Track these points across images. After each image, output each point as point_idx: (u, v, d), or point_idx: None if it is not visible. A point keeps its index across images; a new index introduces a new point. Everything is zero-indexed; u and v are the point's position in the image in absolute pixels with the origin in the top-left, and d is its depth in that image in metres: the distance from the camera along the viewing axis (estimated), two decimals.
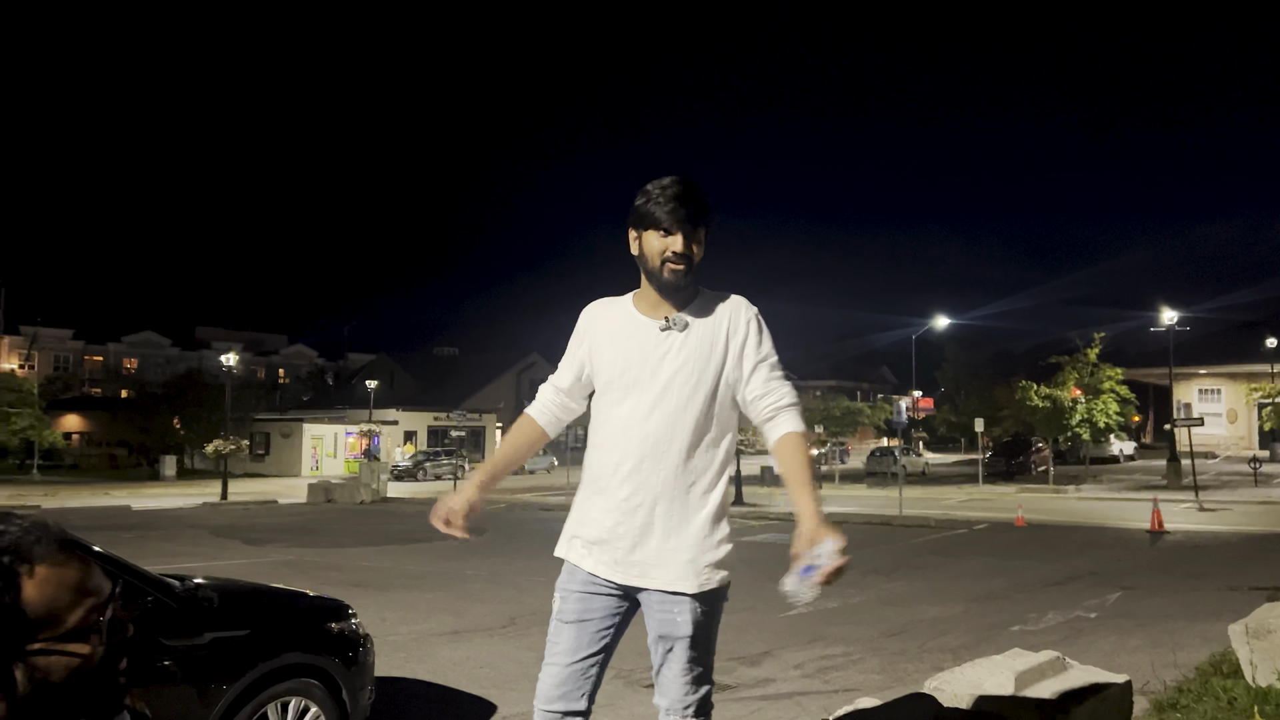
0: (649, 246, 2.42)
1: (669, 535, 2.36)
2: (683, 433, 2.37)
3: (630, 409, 2.41)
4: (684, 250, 2.39)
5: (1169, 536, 16.45)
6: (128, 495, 31.33)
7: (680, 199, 2.39)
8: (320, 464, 48.90)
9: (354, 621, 4.62)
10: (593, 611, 2.44)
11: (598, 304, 2.61)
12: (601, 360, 2.50)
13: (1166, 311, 33.03)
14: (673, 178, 2.45)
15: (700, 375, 2.39)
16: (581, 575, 2.46)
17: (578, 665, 2.42)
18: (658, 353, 2.41)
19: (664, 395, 2.38)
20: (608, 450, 2.45)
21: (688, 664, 2.38)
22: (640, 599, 2.43)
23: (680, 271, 2.40)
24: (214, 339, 77.53)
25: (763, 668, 6.81)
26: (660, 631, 2.39)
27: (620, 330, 2.49)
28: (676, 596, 2.35)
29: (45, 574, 1.22)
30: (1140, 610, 9.03)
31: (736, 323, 2.43)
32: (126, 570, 3.85)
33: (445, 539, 12.85)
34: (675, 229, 2.38)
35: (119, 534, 17.32)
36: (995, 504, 25.18)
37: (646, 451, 2.37)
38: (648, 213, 2.42)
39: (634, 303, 2.52)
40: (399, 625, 8.34)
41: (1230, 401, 46.11)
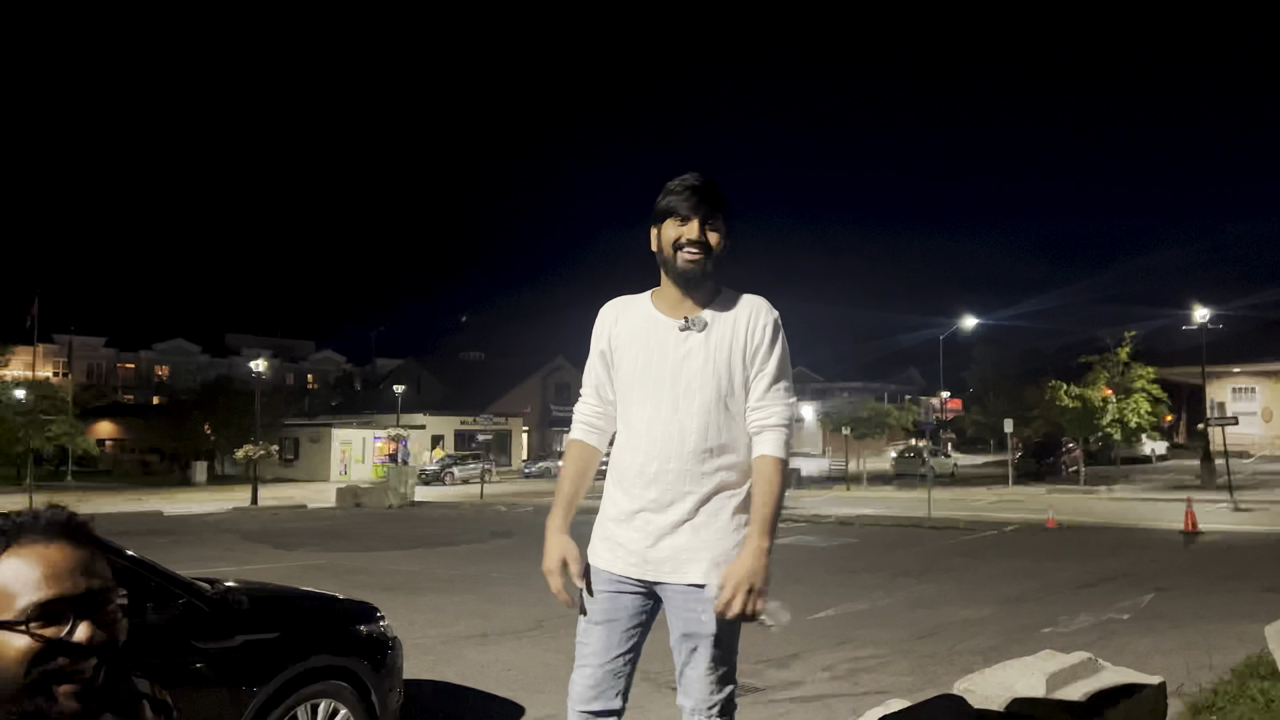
0: (665, 236, 2.42)
1: (696, 532, 2.35)
2: (707, 432, 2.37)
3: (653, 410, 2.40)
4: (699, 236, 2.37)
5: (1203, 537, 16.22)
6: (160, 501, 31.72)
7: (695, 189, 2.39)
8: (349, 469, 49.25)
9: (382, 624, 4.64)
10: (620, 611, 2.43)
11: (616, 302, 2.60)
12: (622, 360, 2.50)
13: (1199, 309, 32.55)
14: (692, 173, 2.45)
15: (720, 376, 2.38)
16: (605, 576, 2.46)
17: (610, 665, 2.43)
18: (678, 353, 2.40)
19: (686, 396, 2.38)
20: (631, 452, 2.44)
21: (712, 663, 2.36)
22: (664, 597, 2.42)
23: (696, 260, 2.38)
24: (243, 345, 78.45)
25: (791, 670, 6.78)
26: (685, 630, 2.38)
27: (640, 330, 2.47)
28: (701, 592, 2.34)
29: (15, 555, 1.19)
30: (1174, 612, 8.91)
31: (755, 325, 2.41)
32: (158, 574, 3.90)
33: (472, 542, 12.90)
34: (692, 215, 2.38)
35: (152, 539, 17.52)
36: (1025, 505, 24.92)
37: (671, 452, 2.37)
38: (665, 205, 2.42)
39: (653, 301, 2.50)
40: (427, 628, 8.38)
41: (1265, 400, 45.38)
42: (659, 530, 2.37)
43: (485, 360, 71.51)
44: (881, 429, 48.44)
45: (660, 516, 2.37)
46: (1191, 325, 33.40)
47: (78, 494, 35.75)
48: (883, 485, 36.71)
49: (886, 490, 34.55)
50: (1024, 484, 34.22)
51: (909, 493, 31.03)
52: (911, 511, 22.72)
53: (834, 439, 50.58)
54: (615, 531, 2.45)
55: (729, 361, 2.38)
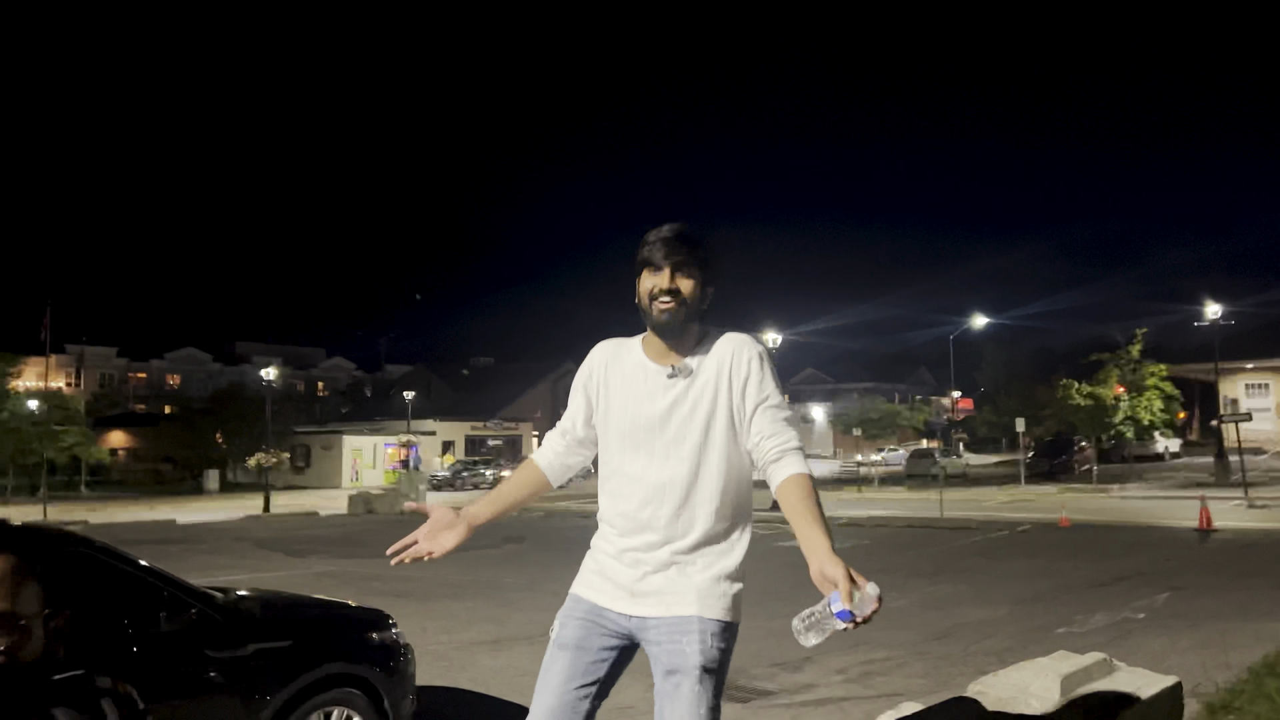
0: (642, 287, 2.42)
1: (684, 569, 2.34)
2: (700, 479, 2.36)
3: (645, 460, 2.40)
4: (670, 285, 2.36)
5: (1218, 535, 16.12)
6: (172, 509, 31.83)
7: (667, 239, 2.40)
8: (360, 475, 49.36)
9: (395, 631, 4.64)
10: (590, 640, 2.39)
11: (607, 345, 2.60)
12: (610, 407, 2.49)
13: (1211, 306, 32.40)
14: (670, 224, 2.45)
15: (709, 421, 2.37)
16: (587, 605, 2.44)
17: (571, 695, 2.36)
18: (666, 400, 2.39)
19: (678, 444, 2.37)
20: (623, 499, 2.43)
21: (694, 701, 2.24)
22: (645, 640, 2.36)
23: (669, 309, 2.37)
24: (254, 353, 78.70)
25: (805, 673, 6.76)
26: (669, 665, 2.28)
27: (629, 377, 2.47)
28: (687, 624, 2.29)
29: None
30: (1190, 610, 8.85)
31: (739, 362, 2.39)
32: (170, 583, 3.91)
33: (484, 547, 12.89)
34: (663, 264, 2.38)
35: (165, 548, 17.59)
36: (1038, 504, 24.82)
37: (665, 498, 2.36)
38: (642, 257, 2.43)
39: (643, 347, 2.50)
40: (440, 634, 8.38)
41: (1279, 396, 45.11)
42: (648, 568, 2.36)
43: (495, 365, 71.64)
44: (892, 429, 48.34)
45: (651, 556, 2.36)
46: (1203, 321, 33.23)
47: (91, 504, 35.91)
48: (894, 485, 36.61)
49: (899, 490, 34.46)
50: (1036, 483, 34.09)
51: (921, 493, 30.94)
52: (924, 512, 22.66)
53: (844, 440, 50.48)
54: (605, 565, 2.44)
55: (714, 405, 2.37)
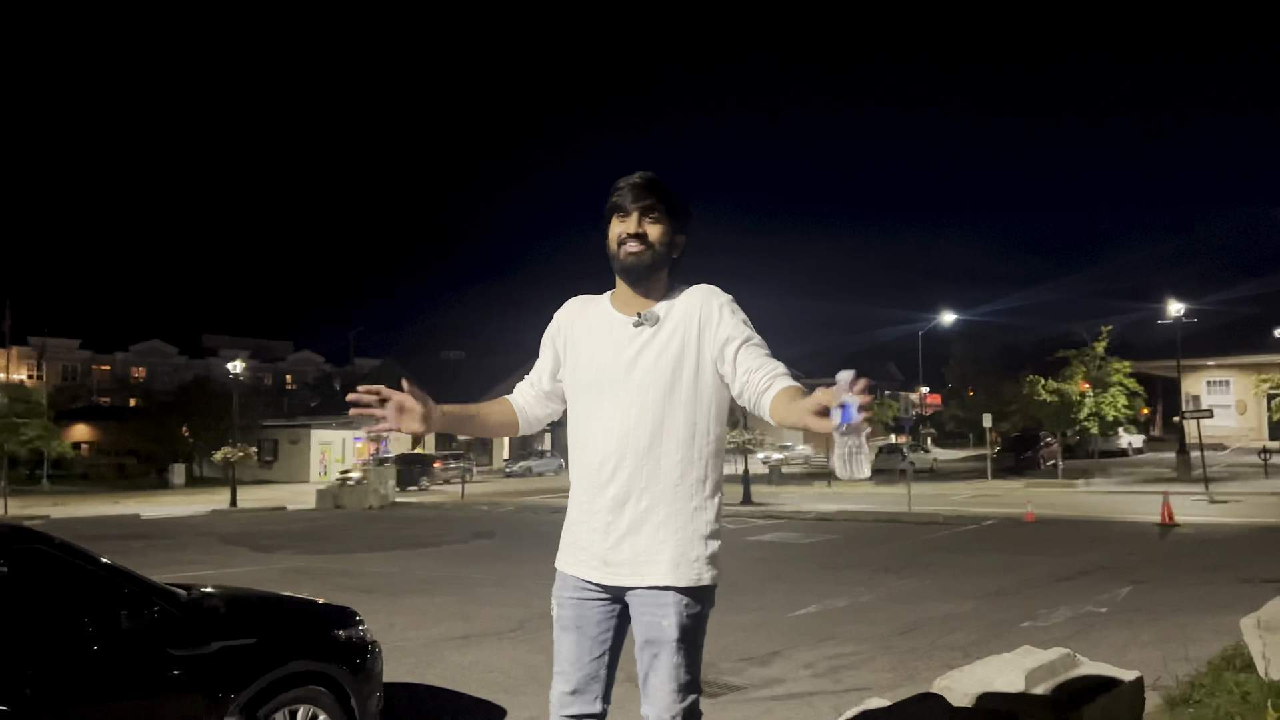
0: (611, 232, 2.43)
1: (657, 530, 2.34)
2: (664, 428, 2.35)
3: (610, 408, 2.39)
4: (637, 230, 2.38)
5: (1179, 529, 16.37)
6: (136, 504, 31.43)
7: (637, 184, 2.40)
8: (328, 470, 48.97)
9: (361, 628, 4.61)
10: (587, 617, 2.45)
11: (575, 301, 2.61)
12: (578, 360, 2.50)
13: (1174, 304, 32.91)
14: (639, 171, 2.45)
15: (676, 369, 2.36)
16: (572, 582, 2.47)
17: (585, 670, 2.44)
18: (632, 349, 2.39)
19: (642, 392, 2.36)
20: (590, 451, 2.43)
21: (674, 670, 2.34)
22: (628, 602, 2.41)
23: (635, 253, 2.38)
24: (221, 346, 77.89)
25: (773, 668, 6.79)
26: (646, 636, 2.36)
27: (596, 329, 2.48)
28: (662, 596, 2.32)
29: None
30: (1151, 604, 8.99)
31: (709, 310, 2.39)
32: (132, 580, 3.85)
33: (453, 542, 12.84)
34: (631, 209, 2.39)
35: (128, 543, 17.37)
36: (1004, 499, 25.09)
37: (628, 449, 2.35)
38: (611, 203, 2.44)
39: (610, 301, 2.51)
40: (408, 630, 8.34)
41: (1239, 393, 45.83)
42: (619, 531, 2.36)
43: (466, 359, 71.28)
44: None
45: (620, 516, 2.36)
46: (1166, 319, 33.75)
47: (53, 498, 35.40)
48: (863, 480, 36.84)
49: (866, 485, 34.68)
50: (1003, 478, 34.44)
51: (889, 488, 31.17)
52: (892, 506, 22.82)
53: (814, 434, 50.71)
54: (578, 534, 2.47)
55: (681, 353, 2.37)
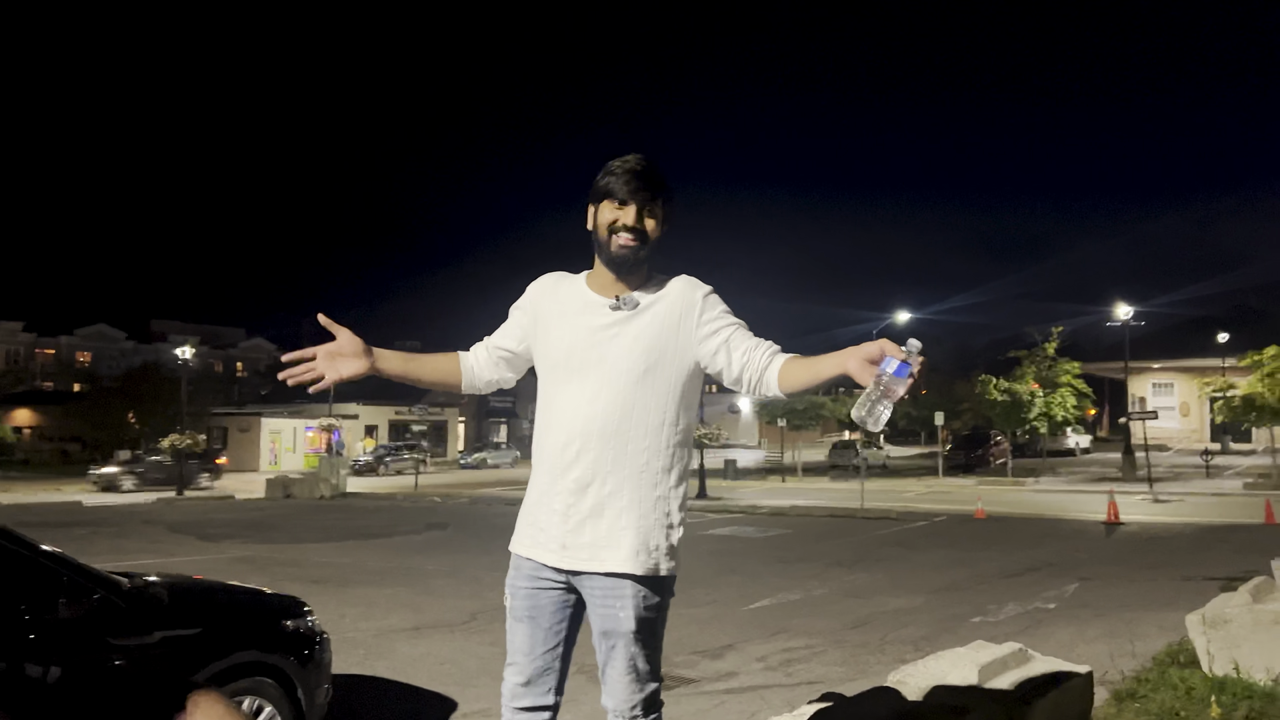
0: (601, 217, 2.36)
1: (619, 516, 2.29)
2: (633, 414, 2.30)
3: (578, 390, 2.34)
4: (635, 223, 2.33)
5: (1124, 528, 16.70)
6: (79, 491, 30.74)
7: (638, 173, 2.34)
8: (279, 459, 48.33)
9: (310, 619, 4.52)
10: (541, 608, 2.39)
11: (550, 277, 2.54)
12: (548, 339, 2.44)
13: (1122, 307, 33.57)
14: (636, 155, 2.38)
15: (649, 355, 2.32)
16: (527, 569, 2.41)
17: (538, 661, 2.39)
18: (607, 333, 2.34)
19: (612, 376, 2.31)
20: (556, 432, 2.37)
21: (631, 660, 2.30)
22: (583, 590, 2.36)
23: (631, 246, 2.33)
24: (170, 332, 76.47)
25: (725, 660, 6.79)
26: (603, 627, 2.32)
27: (570, 309, 2.42)
28: (619, 586, 2.28)
29: None
30: (1098, 600, 9.14)
31: (690, 300, 2.35)
32: (70, 567, 3.73)
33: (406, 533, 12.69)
34: (630, 200, 2.32)
35: (70, 530, 16.96)
36: (955, 496, 25.43)
37: (594, 431, 2.30)
38: (605, 185, 2.36)
39: (587, 281, 2.45)
40: (358, 621, 8.22)
41: (1183, 395, 46.96)
42: (580, 515, 2.31)
43: (421, 350, 70.40)
44: (816, 420, 49.02)
45: (582, 500, 2.31)
46: (1115, 322, 34.43)
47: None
48: (818, 476, 37.14)
49: (822, 480, 34.98)
50: (954, 475, 34.93)
51: (843, 484, 31.45)
52: (845, 502, 23.02)
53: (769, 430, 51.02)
54: (537, 515, 2.40)
55: (659, 340, 2.33)
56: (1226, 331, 42.39)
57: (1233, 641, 4.87)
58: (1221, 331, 42.62)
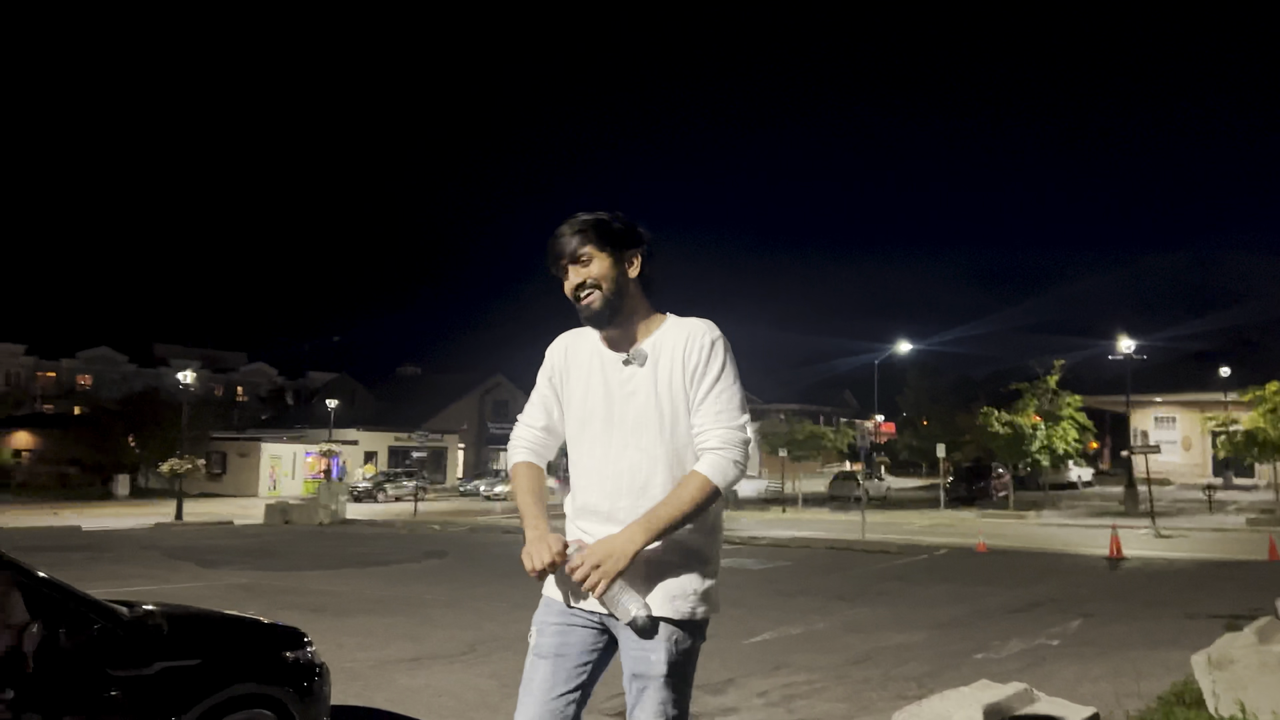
0: (565, 290, 2.42)
1: (655, 565, 2.30)
2: (658, 467, 2.33)
3: (604, 448, 2.38)
4: (578, 280, 2.36)
5: (1127, 563, 16.61)
6: (78, 515, 30.64)
7: (558, 237, 2.38)
8: (278, 484, 48.19)
9: (309, 650, 4.49)
10: (570, 646, 2.37)
11: (565, 337, 2.57)
12: (572, 398, 2.47)
13: (1124, 340, 33.57)
14: (571, 216, 2.42)
15: (662, 409, 2.34)
16: (558, 608, 2.40)
17: (555, 703, 2.34)
18: (624, 390, 2.37)
19: (635, 432, 2.35)
20: (586, 492, 2.41)
21: (660, 706, 2.29)
22: (617, 634, 2.36)
23: (590, 303, 2.36)
24: (172, 356, 76.46)
25: (726, 696, 6.73)
26: (634, 670, 2.31)
27: (587, 367, 2.45)
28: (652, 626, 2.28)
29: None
30: (1101, 638, 9.07)
31: (691, 349, 2.35)
32: (70, 595, 3.71)
33: (404, 561, 12.64)
34: (561, 263, 2.39)
35: (67, 555, 16.88)
36: (957, 529, 25.31)
37: (623, 488, 2.33)
38: (548, 260, 2.41)
39: (600, 337, 2.47)
40: (357, 652, 8.16)
41: (1185, 429, 46.83)
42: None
43: (422, 376, 70.65)
44: (817, 451, 48.90)
45: None
46: (1117, 355, 34.41)
47: None
48: (818, 507, 37.00)
49: (822, 512, 34.84)
50: (955, 508, 34.79)
51: (844, 515, 31.32)
52: (846, 534, 22.91)
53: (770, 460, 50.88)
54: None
55: (670, 393, 2.34)
56: (1228, 366, 42.33)
57: (1238, 683, 4.84)
58: (1223, 366, 42.56)
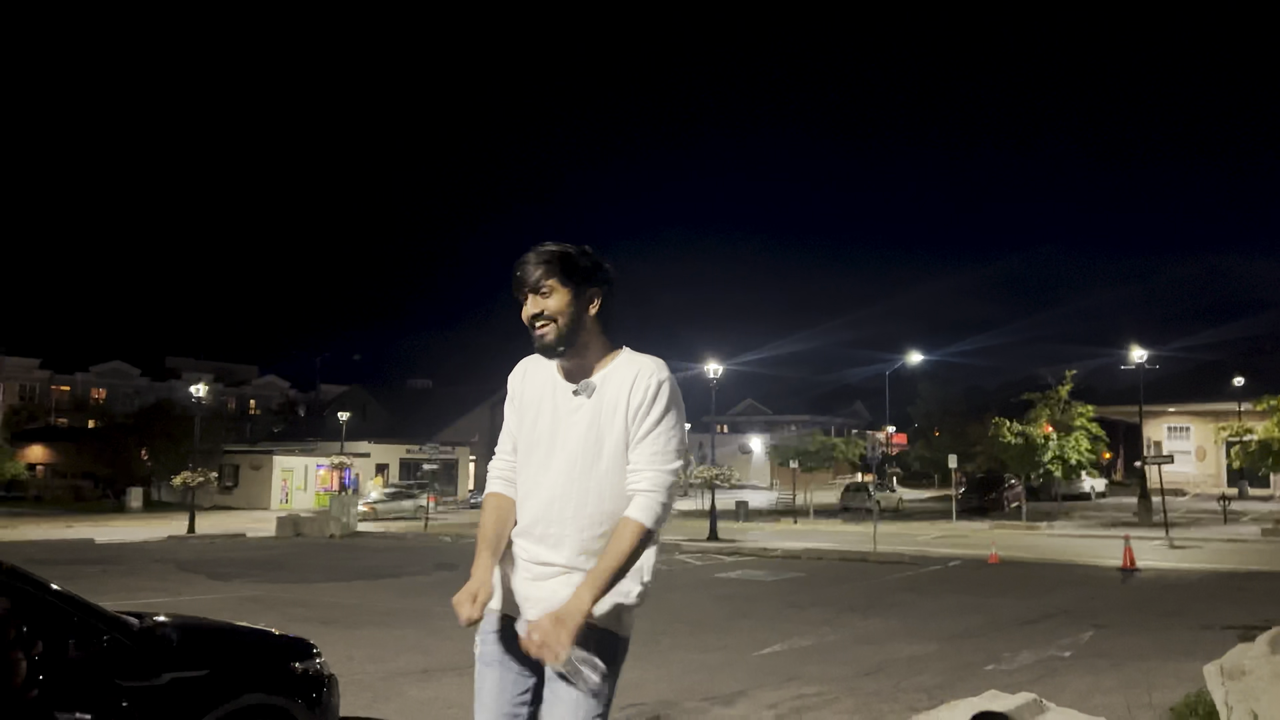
0: (522, 316, 2.48)
1: (576, 576, 2.34)
2: (589, 497, 2.39)
3: (543, 472, 2.45)
4: (535, 310, 2.42)
5: (1140, 574, 16.50)
6: (92, 528, 30.76)
7: (522, 264, 2.44)
8: (290, 497, 48.29)
9: (318, 661, 4.50)
10: (511, 653, 2.43)
11: (525, 362, 2.62)
12: (524, 421, 2.54)
13: (1136, 350, 33.40)
14: (536, 246, 2.48)
15: (600, 442, 2.39)
16: (496, 619, 2.48)
17: (507, 707, 2.42)
18: (569, 419, 2.44)
19: (570, 460, 2.41)
20: (524, 512, 2.48)
21: (573, 707, 2.30)
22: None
23: (543, 331, 2.43)
24: (184, 369, 76.74)
25: (736, 708, 6.71)
26: (550, 672, 2.34)
27: (541, 392, 2.52)
28: None
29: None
30: (1114, 649, 9.01)
31: (636, 389, 2.40)
32: (80, 608, 3.73)
33: (415, 574, 12.66)
34: (522, 291, 2.45)
35: (81, 568, 16.96)
36: (969, 540, 25.19)
37: (554, 515, 2.40)
38: (513, 285, 2.47)
39: (558, 365, 2.53)
40: (366, 664, 8.17)
41: (1199, 439, 46.55)
42: (543, 578, 2.40)
43: (433, 388, 70.79)
44: (828, 462, 48.78)
45: (546, 569, 2.41)
46: (1129, 365, 34.23)
47: (4, 520, 34.55)
48: (830, 519, 36.90)
49: (834, 523, 34.72)
50: (967, 519, 34.60)
51: (855, 526, 31.20)
52: (858, 545, 22.82)
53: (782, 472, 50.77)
54: (506, 572, 2.49)
55: (610, 426, 2.40)
56: (1242, 375, 42.10)
57: (1251, 694, 4.80)
58: (1237, 375, 42.33)
